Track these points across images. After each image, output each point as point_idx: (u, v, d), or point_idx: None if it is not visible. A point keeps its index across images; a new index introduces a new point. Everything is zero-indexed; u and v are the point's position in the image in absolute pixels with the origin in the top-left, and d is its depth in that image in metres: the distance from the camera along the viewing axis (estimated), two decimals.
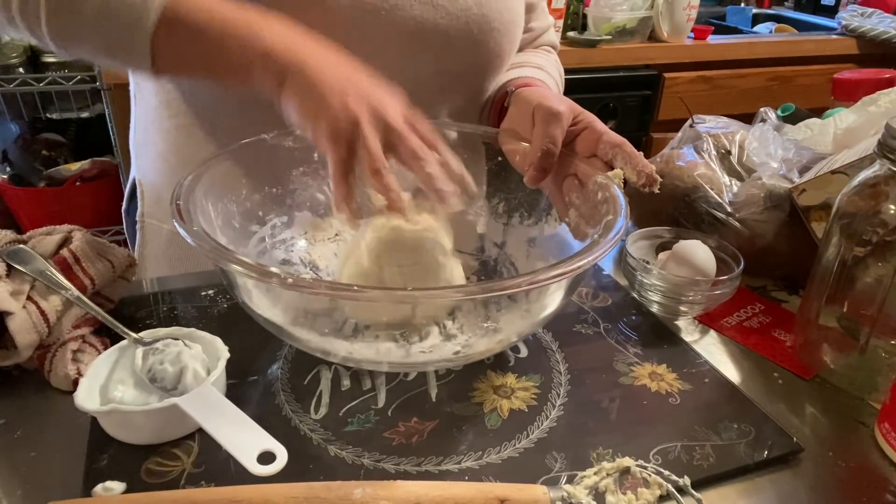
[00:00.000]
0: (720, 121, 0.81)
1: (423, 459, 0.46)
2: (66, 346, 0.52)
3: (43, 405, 0.50)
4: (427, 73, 0.66)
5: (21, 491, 0.43)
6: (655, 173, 0.57)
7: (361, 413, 0.50)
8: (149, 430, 0.46)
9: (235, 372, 0.52)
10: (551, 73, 0.78)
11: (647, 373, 0.56)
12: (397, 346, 0.51)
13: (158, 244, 0.75)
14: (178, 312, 0.61)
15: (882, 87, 0.80)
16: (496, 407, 0.52)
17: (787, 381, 0.58)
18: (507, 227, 0.69)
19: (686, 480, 0.44)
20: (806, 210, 0.66)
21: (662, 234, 0.71)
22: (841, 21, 2.07)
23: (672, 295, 0.64)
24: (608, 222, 0.51)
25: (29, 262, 0.53)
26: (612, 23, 1.77)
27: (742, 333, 0.64)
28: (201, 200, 0.52)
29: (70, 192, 1.68)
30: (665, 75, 1.86)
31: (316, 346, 0.50)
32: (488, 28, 0.66)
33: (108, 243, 0.59)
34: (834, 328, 0.57)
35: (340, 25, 0.59)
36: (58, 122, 1.77)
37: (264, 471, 0.41)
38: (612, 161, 0.59)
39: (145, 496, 0.41)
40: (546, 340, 0.60)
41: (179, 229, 0.46)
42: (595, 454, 0.47)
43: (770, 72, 1.97)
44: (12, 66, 1.57)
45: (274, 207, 0.63)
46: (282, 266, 0.62)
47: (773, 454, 0.48)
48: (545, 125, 0.59)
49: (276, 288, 0.47)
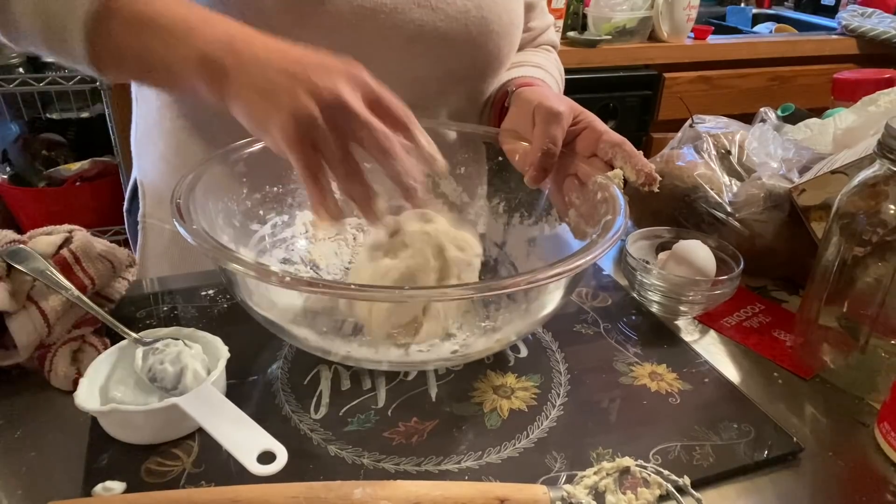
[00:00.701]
0: (720, 121, 0.81)
1: (423, 459, 0.46)
2: (66, 346, 0.52)
3: (43, 405, 0.50)
4: (426, 75, 0.66)
5: (21, 491, 0.43)
6: (655, 172, 0.57)
7: (361, 413, 0.50)
8: (149, 430, 0.46)
9: (235, 372, 0.52)
10: (551, 72, 0.78)
11: (647, 373, 0.56)
12: (396, 345, 0.51)
13: (160, 244, 0.76)
14: (179, 312, 0.61)
15: (882, 87, 0.80)
16: (496, 407, 0.52)
17: (787, 381, 0.58)
18: (508, 227, 0.69)
19: (686, 480, 0.44)
20: (806, 210, 0.66)
21: (662, 234, 0.71)
22: (841, 21, 2.07)
23: (672, 295, 0.64)
24: (607, 222, 0.51)
25: (29, 262, 0.53)
26: (612, 23, 1.77)
27: (742, 333, 0.64)
28: (202, 199, 0.52)
29: (70, 192, 1.68)
30: (665, 75, 1.86)
31: (315, 345, 0.50)
32: (487, 30, 0.66)
33: (108, 243, 0.59)
34: (834, 328, 0.57)
35: (339, 28, 0.59)
36: (58, 122, 1.77)
37: (264, 471, 0.41)
38: (611, 160, 0.59)
39: (145, 496, 0.41)
40: (546, 340, 0.60)
41: (179, 228, 0.46)
42: (595, 454, 0.47)
43: (770, 72, 1.97)
44: (12, 66, 1.57)
45: (274, 206, 0.63)
46: (282, 265, 0.62)
47: (773, 454, 0.48)
48: (545, 125, 0.59)
49: (276, 287, 0.48)
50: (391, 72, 0.63)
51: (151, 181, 0.76)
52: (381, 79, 0.59)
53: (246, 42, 0.46)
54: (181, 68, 0.47)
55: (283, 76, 0.44)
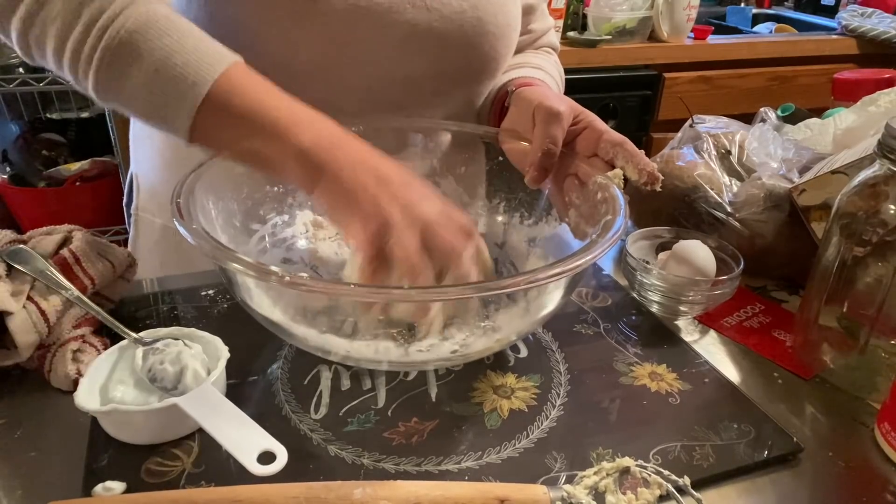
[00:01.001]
0: (720, 121, 0.81)
1: (423, 459, 0.46)
2: (66, 346, 0.52)
3: (43, 405, 0.50)
4: (421, 75, 0.66)
5: (21, 491, 0.43)
6: (657, 171, 0.57)
7: (361, 413, 0.50)
8: (149, 430, 0.46)
9: (235, 372, 0.52)
10: (551, 73, 0.78)
11: (647, 373, 0.56)
12: (396, 345, 0.51)
13: (150, 237, 0.76)
14: (178, 312, 0.61)
15: (882, 87, 0.80)
16: (496, 407, 0.52)
17: (787, 381, 0.58)
18: (508, 227, 0.69)
19: (686, 480, 0.44)
20: (806, 210, 0.66)
21: (662, 234, 0.71)
22: (841, 21, 2.07)
23: (672, 295, 0.64)
24: (607, 222, 0.51)
25: (29, 262, 0.53)
26: (612, 23, 1.77)
27: (742, 333, 0.64)
28: (202, 198, 0.52)
29: (70, 192, 1.68)
30: (665, 75, 1.86)
31: (315, 344, 0.50)
32: (483, 31, 0.65)
33: (108, 243, 0.59)
34: (834, 328, 0.57)
35: (334, 28, 0.59)
36: (58, 122, 1.77)
37: (264, 471, 0.41)
38: (613, 160, 0.59)
39: (145, 496, 0.41)
40: (546, 340, 0.60)
41: (179, 227, 0.46)
42: (595, 454, 0.47)
43: (770, 72, 1.97)
44: (12, 66, 1.58)
45: (275, 206, 0.63)
46: (282, 265, 0.62)
47: (773, 454, 0.48)
48: (545, 125, 0.59)
49: (275, 286, 0.47)
50: (385, 71, 0.63)
51: (146, 175, 0.76)
52: (375, 78, 0.59)
53: (341, 145, 0.49)
54: (280, 165, 0.49)
55: (371, 183, 0.47)
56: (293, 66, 0.59)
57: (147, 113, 0.52)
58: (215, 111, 0.50)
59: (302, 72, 0.60)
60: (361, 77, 0.63)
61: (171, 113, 0.50)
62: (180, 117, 0.50)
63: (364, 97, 0.65)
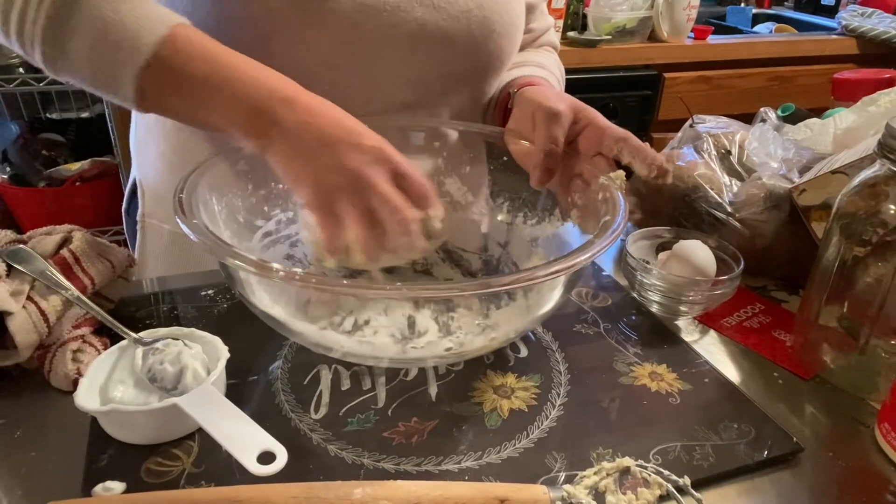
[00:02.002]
0: (720, 121, 0.81)
1: (423, 459, 0.46)
2: (66, 346, 0.52)
3: (43, 405, 0.50)
4: (428, 74, 0.66)
5: (21, 491, 0.43)
6: (666, 164, 0.57)
7: (361, 413, 0.50)
8: (149, 430, 0.46)
9: (235, 372, 0.52)
10: (553, 71, 0.78)
11: (647, 373, 0.56)
12: (394, 341, 0.51)
13: (159, 244, 0.75)
14: (178, 312, 0.61)
15: (882, 87, 0.80)
16: (496, 407, 0.52)
17: (787, 381, 0.58)
18: (511, 226, 0.69)
19: (686, 480, 0.44)
20: (806, 210, 0.66)
21: (662, 234, 0.71)
22: (841, 21, 2.07)
23: (672, 295, 0.64)
24: (605, 222, 0.51)
25: (29, 262, 0.53)
26: (612, 23, 1.77)
27: (742, 333, 0.64)
28: (205, 195, 0.52)
29: (70, 192, 1.68)
30: (665, 75, 1.86)
31: (314, 340, 0.50)
32: (489, 30, 0.66)
33: (108, 243, 0.59)
34: (834, 328, 0.57)
35: (342, 27, 0.59)
36: (58, 122, 1.77)
37: (264, 471, 0.41)
38: (618, 156, 0.58)
39: (145, 496, 0.41)
40: (546, 340, 0.60)
41: (180, 223, 0.46)
42: (595, 454, 0.47)
43: (770, 72, 1.97)
44: (12, 66, 1.57)
45: (279, 203, 0.63)
46: (285, 261, 0.62)
47: (773, 454, 0.48)
48: (546, 126, 0.59)
49: (276, 283, 0.47)
50: (393, 71, 0.63)
51: (151, 180, 0.76)
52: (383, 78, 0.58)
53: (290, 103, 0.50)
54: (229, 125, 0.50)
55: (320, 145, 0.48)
56: (301, 67, 0.59)
57: (93, 82, 0.52)
58: (160, 74, 0.50)
59: (310, 72, 0.60)
60: (369, 77, 0.63)
61: (114, 79, 0.50)
62: (124, 85, 0.50)
63: (372, 97, 0.65)
